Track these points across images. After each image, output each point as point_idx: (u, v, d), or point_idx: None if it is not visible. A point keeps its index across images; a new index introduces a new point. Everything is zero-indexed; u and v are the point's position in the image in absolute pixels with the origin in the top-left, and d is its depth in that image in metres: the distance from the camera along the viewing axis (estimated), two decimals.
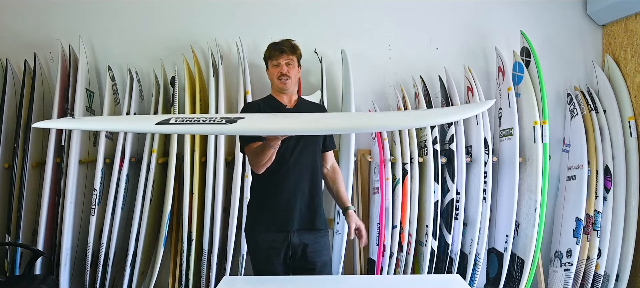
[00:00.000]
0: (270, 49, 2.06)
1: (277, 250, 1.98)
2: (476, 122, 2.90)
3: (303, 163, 1.99)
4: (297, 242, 1.98)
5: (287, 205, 1.97)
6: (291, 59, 2.04)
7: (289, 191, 1.97)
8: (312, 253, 2.01)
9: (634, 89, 2.97)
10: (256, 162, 1.89)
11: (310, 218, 2.01)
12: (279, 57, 2.03)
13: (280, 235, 1.98)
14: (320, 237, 2.04)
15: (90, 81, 2.92)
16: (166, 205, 2.75)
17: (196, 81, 2.88)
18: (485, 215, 2.84)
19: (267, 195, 2.00)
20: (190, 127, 1.55)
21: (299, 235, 1.98)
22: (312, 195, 2.02)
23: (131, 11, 3.13)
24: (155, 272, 2.77)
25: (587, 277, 2.90)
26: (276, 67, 2.03)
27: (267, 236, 1.98)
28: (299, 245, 1.99)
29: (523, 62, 2.96)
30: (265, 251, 1.99)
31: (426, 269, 2.80)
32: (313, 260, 2.01)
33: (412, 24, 3.20)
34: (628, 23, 3.01)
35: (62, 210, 2.66)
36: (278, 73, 2.02)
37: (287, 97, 2.07)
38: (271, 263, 1.98)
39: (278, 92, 2.07)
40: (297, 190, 1.98)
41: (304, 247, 2.00)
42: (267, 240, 1.98)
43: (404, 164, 2.83)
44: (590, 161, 2.90)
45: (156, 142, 2.76)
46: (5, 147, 2.75)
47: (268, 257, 1.98)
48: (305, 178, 2.00)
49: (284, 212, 1.97)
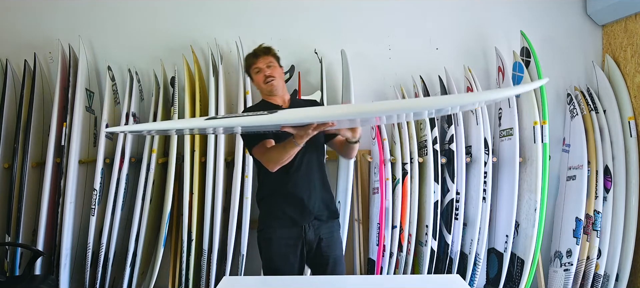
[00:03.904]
0: (247, 59, 2.10)
1: (293, 246, 1.98)
2: (476, 122, 2.90)
3: (312, 156, 2.00)
4: (312, 236, 1.99)
5: (302, 199, 1.98)
6: (269, 60, 2.05)
7: (302, 184, 1.98)
8: (326, 247, 2.02)
9: (634, 89, 2.97)
10: (277, 160, 1.88)
11: (325, 208, 2.03)
12: (256, 62, 2.05)
13: (295, 230, 1.98)
14: (334, 230, 2.06)
15: (90, 81, 2.92)
16: (166, 205, 2.75)
17: (196, 81, 2.88)
18: (485, 215, 2.84)
19: (280, 191, 2.00)
20: (233, 120, 1.70)
21: (314, 228, 1.99)
22: (323, 185, 2.05)
23: (131, 11, 3.13)
24: (155, 272, 2.78)
25: (587, 277, 2.90)
26: (258, 73, 2.05)
27: (283, 233, 1.99)
28: (314, 239, 2.00)
29: (523, 62, 2.96)
30: (281, 248, 1.98)
31: (426, 269, 2.80)
32: (326, 254, 2.02)
33: (412, 24, 3.20)
34: (628, 23, 3.01)
35: (62, 210, 2.66)
36: (262, 77, 2.04)
37: (279, 98, 2.08)
38: (287, 260, 1.97)
39: (268, 96, 2.09)
40: (309, 183, 2.00)
41: (318, 241, 2.01)
42: (282, 236, 1.98)
43: (403, 164, 2.83)
44: (590, 161, 2.90)
45: (156, 142, 2.76)
46: (5, 147, 2.76)
47: (284, 254, 1.98)
48: (315, 169, 2.02)
49: (299, 206, 1.98)
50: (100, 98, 3.02)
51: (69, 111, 2.72)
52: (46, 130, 2.83)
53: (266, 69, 2.03)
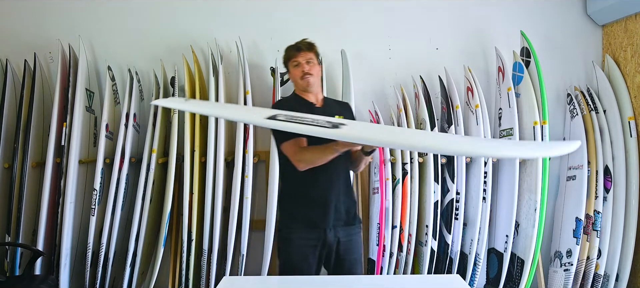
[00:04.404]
0: (288, 50, 2.08)
1: (312, 248, 1.97)
2: (476, 122, 2.90)
3: (339, 160, 1.96)
4: (332, 239, 1.98)
5: (325, 203, 1.97)
6: (309, 56, 2.04)
7: (326, 188, 1.97)
8: (344, 250, 2.01)
9: (634, 89, 2.96)
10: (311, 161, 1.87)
11: (346, 213, 2.02)
12: (297, 56, 2.03)
13: (316, 232, 1.97)
14: (353, 234, 2.05)
15: (90, 81, 2.92)
16: (166, 205, 2.75)
17: (196, 81, 2.88)
18: (485, 215, 2.84)
19: (304, 193, 1.99)
20: (296, 126, 1.61)
21: (334, 231, 1.98)
22: (347, 190, 2.04)
23: (131, 11, 3.13)
24: (155, 272, 2.77)
25: (587, 277, 2.90)
26: (297, 67, 2.04)
27: (303, 234, 1.98)
28: (333, 242, 1.99)
29: (523, 62, 2.96)
30: (300, 249, 1.98)
31: (426, 269, 2.80)
32: (343, 257, 2.02)
33: (412, 24, 3.20)
34: (628, 23, 3.01)
35: (62, 210, 2.66)
36: (300, 72, 2.03)
37: (313, 95, 2.08)
38: (305, 261, 1.96)
39: (302, 91, 2.08)
40: (333, 188, 1.99)
41: (337, 244, 2.00)
42: (302, 237, 1.98)
43: (403, 164, 2.83)
44: (590, 161, 2.90)
45: (156, 142, 2.76)
46: (5, 147, 2.76)
47: (303, 256, 1.97)
48: (341, 174, 2.02)
49: (321, 210, 1.97)
50: (100, 98, 3.02)
51: (69, 111, 2.72)
52: (46, 130, 2.82)
53: (305, 64, 2.02)
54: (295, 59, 2.04)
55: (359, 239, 2.09)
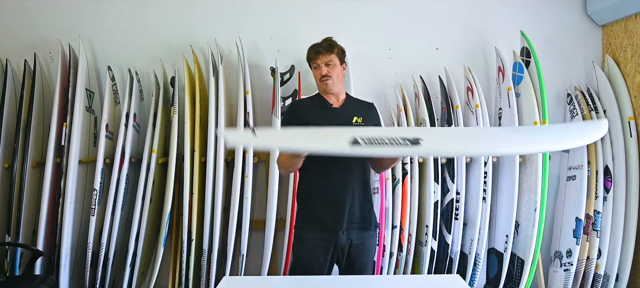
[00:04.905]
0: (309, 52, 2.08)
1: (324, 249, 1.96)
2: (476, 122, 2.90)
3: (352, 161, 1.95)
4: (344, 241, 1.97)
5: (337, 204, 1.95)
6: (329, 58, 2.03)
7: (339, 191, 1.95)
8: (356, 253, 2.00)
9: (634, 89, 2.96)
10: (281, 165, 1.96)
11: (361, 216, 1.99)
12: (316, 59, 2.04)
13: (328, 234, 1.96)
14: (367, 237, 2.02)
15: (90, 81, 2.92)
16: (166, 205, 2.75)
17: (196, 81, 2.88)
18: (485, 215, 2.84)
19: (316, 194, 1.98)
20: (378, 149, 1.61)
21: (347, 234, 1.97)
22: (363, 193, 2.01)
23: (131, 11, 3.13)
24: (155, 272, 2.77)
25: (587, 277, 2.90)
26: (317, 69, 2.04)
27: (315, 234, 1.97)
28: (346, 244, 1.98)
29: (523, 62, 2.96)
30: (312, 249, 1.97)
31: (426, 269, 2.81)
32: (353, 260, 2.00)
33: (412, 24, 3.20)
34: (628, 23, 3.01)
35: (62, 210, 2.65)
36: (319, 75, 2.04)
37: (333, 96, 2.08)
38: (317, 261, 1.96)
39: (323, 93, 2.08)
40: (347, 190, 1.96)
41: (349, 246, 1.99)
42: (315, 237, 1.97)
43: (404, 164, 2.83)
44: (590, 161, 2.90)
45: (156, 142, 2.76)
46: (5, 147, 2.75)
47: (314, 256, 1.96)
48: (356, 176, 1.98)
49: (334, 212, 1.95)
50: (100, 98, 3.02)
51: (69, 111, 2.72)
52: (46, 130, 2.82)
53: (324, 67, 2.03)
54: (315, 62, 2.04)
55: (373, 242, 2.07)
